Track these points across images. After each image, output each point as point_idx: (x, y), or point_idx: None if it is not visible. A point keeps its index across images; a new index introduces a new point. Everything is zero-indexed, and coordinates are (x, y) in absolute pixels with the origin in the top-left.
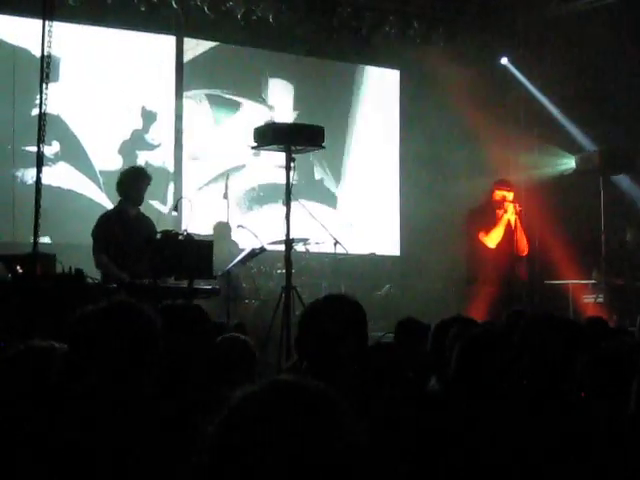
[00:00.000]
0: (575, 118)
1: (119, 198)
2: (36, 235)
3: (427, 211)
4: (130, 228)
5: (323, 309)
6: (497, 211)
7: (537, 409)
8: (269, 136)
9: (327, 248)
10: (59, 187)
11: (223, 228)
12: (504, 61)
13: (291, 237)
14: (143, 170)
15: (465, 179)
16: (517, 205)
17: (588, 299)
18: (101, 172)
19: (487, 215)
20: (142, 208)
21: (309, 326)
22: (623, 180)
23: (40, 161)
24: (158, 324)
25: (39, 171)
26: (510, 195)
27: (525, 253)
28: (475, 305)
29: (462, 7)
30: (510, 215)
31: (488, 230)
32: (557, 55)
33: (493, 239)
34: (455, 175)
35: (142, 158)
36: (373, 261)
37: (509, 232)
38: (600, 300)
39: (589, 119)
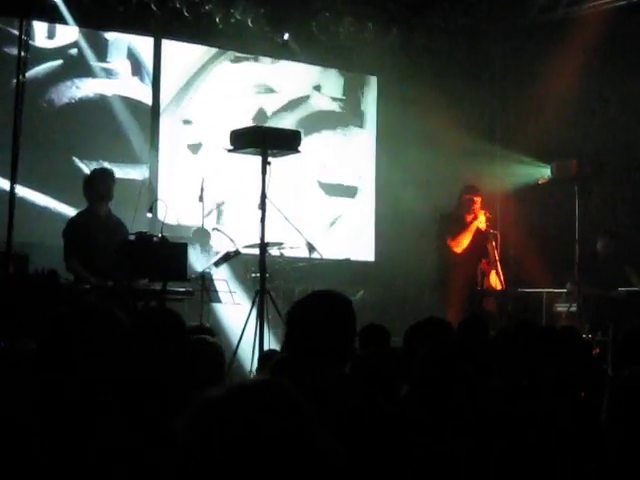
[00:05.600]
0: (553, 126)
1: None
2: (10, 235)
3: (402, 217)
4: (100, 228)
5: (312, 305)
6: (466, 216)
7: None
8: (246, 139)
9: (302, 253)
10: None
11: (202, 234)
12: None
13: (266, 241)
14: (106, 169)
15: (440, 186)
16: (486, 212)
17: (561, 308)
18: None
19: (456, 221)
20: (115, 210)
21: (297, 322)
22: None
23: (15, 161)
24: (127, 327)
25: (14, 170)
26: (478, 200)
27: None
28: (446, 312)
29: (442, 15)
30: (480, 222)
31: (456, 235)
32: (536, 62)
33: (460, 244)
34: (430, 182)
35: (118, 159)
36: (347, 266)
37: (479, 239)
38: (573, 309)
39: (566, 127)
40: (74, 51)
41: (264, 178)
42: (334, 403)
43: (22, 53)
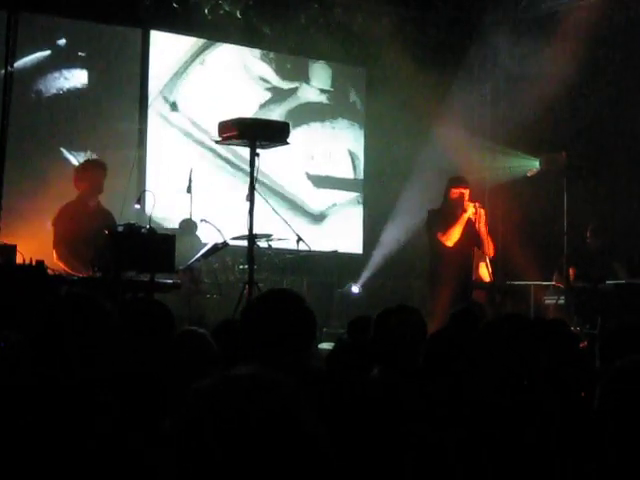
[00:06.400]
0: (542, 120)
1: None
2: None
3: (390, 209)
4: (89, 218)
5: (264, 306)
6: (455, 210)
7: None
8: (234, 131)
9: (290, 245)
10: None
11: (189, 224)
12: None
13: (254, 233)
14: (98, 160)
15: (429, 178)
16: (477, 204)
17: (550, 300)
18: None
19: (445, 214)
20: (103, 201)
21: (250, 324)
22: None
23: (3, 151)
24: (114, 317)
25: (1, 161)
26: (467, 192)
27: (491, 254)
28: (437, 304)
29: (431, 6)
30: (470, 214)
31: (446, 229)
32: (525, 56)
33: (451, 238)
34: (419, 174)
35: (106, 151)
36: (335, 259)
37: (470, 232)
38: (561, 302)
39: (556, 122)
40: (62, 42)
41: (252, 170)
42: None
43: (10, 44)
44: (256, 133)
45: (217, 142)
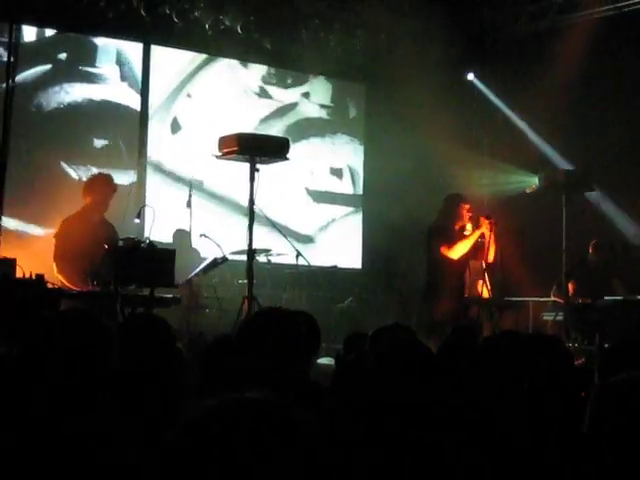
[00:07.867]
0: (542, 135)
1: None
2: None
3: (389, 225)
4: (92, 233)
5: (258, 325)
6: (463, 225)
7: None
8: (234, 146)
9: (289, 260)
10: None
11: (182, 236)
12: (470, 77)
13: (253, 248)
14: (110, 178)
15: (427, 194)
16: (492, 220)
17: (548, 317)
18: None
19: (452, 229)
20: (105, 215)
21: (245, 343)
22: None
23: (3, 166)
24: (112, 333)
25: (2, 175)
26: (469, 207)
27: (490, 260)
28: (436, 318)
29: (430, 22)
30: (485, 229)
31: (452, 243)
32: (525, 72)
33: (457, 252)
34: (417, 190)
35: (106, 165)
36: (335, 274)
37: (476, 247)
38: (560, 318)
39: (556, 136)
40: (63, 56)
41: (252, 185)
42: None
43: (11, 58)
44: (256, 148)
45: (217, 157)
